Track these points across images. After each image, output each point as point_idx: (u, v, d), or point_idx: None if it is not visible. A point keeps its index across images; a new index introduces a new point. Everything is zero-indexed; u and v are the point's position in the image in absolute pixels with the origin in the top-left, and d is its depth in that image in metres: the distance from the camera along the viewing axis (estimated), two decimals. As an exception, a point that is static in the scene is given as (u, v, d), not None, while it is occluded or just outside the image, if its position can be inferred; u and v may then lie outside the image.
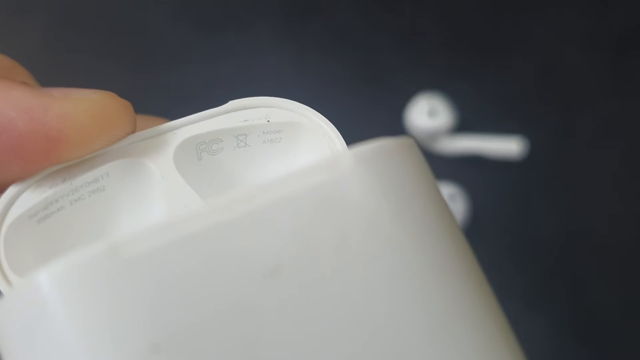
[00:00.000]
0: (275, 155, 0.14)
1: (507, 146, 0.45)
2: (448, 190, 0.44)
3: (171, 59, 0.49)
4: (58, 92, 0.12)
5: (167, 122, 0.14)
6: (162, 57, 0.49)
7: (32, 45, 0.49)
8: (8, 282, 0.12)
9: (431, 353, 0.10)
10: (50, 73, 0.48)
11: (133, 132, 0.13)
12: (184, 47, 0.49)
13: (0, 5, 0.50)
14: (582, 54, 0.47)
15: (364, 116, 0.46)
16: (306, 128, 0.14)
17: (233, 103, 0.14)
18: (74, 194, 0.13)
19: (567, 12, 0.48)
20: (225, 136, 0.14)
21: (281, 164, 0.14)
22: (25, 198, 0.12)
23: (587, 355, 0.41)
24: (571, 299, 0.42)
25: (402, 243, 0.11)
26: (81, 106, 0.12)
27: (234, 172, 0.14)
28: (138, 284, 0.10)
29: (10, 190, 0.12)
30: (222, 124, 0.13)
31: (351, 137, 0.14)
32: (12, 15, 0.50)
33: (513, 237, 0.44)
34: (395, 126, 0.46)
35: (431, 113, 0.44)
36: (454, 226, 0.12)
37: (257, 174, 0.14)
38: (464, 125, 0.46)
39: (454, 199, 0.43)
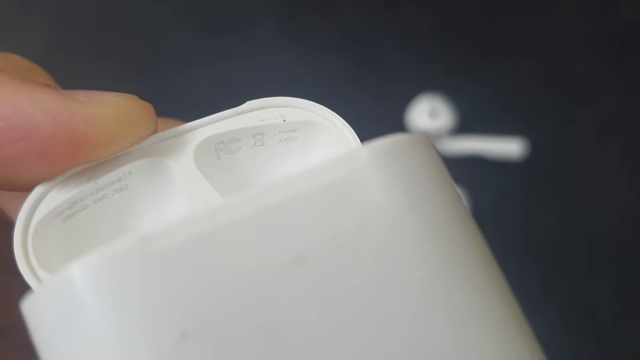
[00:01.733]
0: (291, 153, 0.14)
1: (507, 146, 0.45)
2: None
3: (174, 60, 0.49)
4: (82, 95, 0.12)
5: (185, 123, 0.14)
6: (165, 59, 0.49)
7: (34, 47, 0.49)
8: (38, 278, 0.12)
9: (450, 344, 0.11)
10: (51, 73, 0.48)
11: (154, 132, 0.13)
12: (186, 48, 0.49)
13: (2, 6, 0.50)
14: (582, 54, 0.47)
15: (365, 117, 0.46)
16: (321, 126, 0.14)
17: (250, 103, 0.14)
18: (98, 193, 0.13)
19: (567, 12, 0.48)
20: (243, 135, 0.14)
21: (297, 161, 0.15)
22: (51, 197, 0.13)
23: (587, 354, 0.42)
24: (571, 298, 0.43)
25: (419, 236, 0.11)
26: (106, 109, 0.12)
27: (252, 170, 0.14)
28: (167, 276, 0.10)
29: (37, 190, 0.13)
30: (240, 124, 0.14)
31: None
32: (13, 17, 0.50)
33: (513, 237, 0.44)
34: (396, 127, 0.46)
35: (432, 114, 0.44)
36: (469, 219, 0.12)
37: (274, 172, 0.15)
38: (464, 125, 0.46)
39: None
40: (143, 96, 0.13)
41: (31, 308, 0.11)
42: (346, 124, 0.14)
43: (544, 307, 0.42)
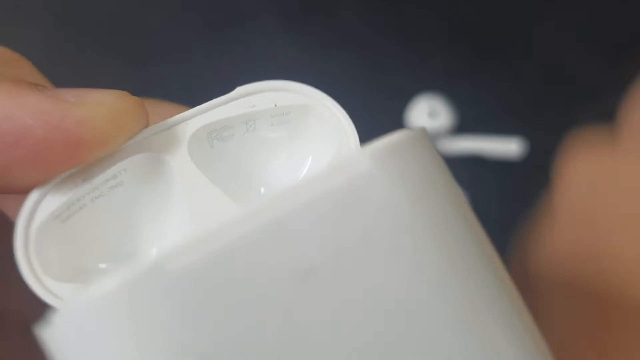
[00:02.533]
0: (285, 139, 0.14)
1: (507, 146, 0.45)
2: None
3: (172, 57, 0.49)
4: (72, 95, 0.12)
5: (177, 107, 0.14)
6: (163, 56, 0.49)
7: (33, 44, 0.49)
8: (44, 287, 0.12)
9: (459, 346, 0.11)
10: (50, 72, 0.48)
11: (146, 127, 0.13)
12: (184, 46, 0.49)
13: (0, 4, 0.50)
14: (582, 54, 0.47)
15: (364, 117, 0.46)
16: (314, 110, 0.14)
17: (240, 89, 0.14)
18: (94, 192, 0.13)
19: (567, 13, 0.48)
20: (235, 123, 0.14)
21: (291, 147, 0.14)
22: (48, 202, 0.12)
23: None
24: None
25: (424, 236, 0.11)
26: (98, 110, 0.12)
27: (245, 156, 0.14)
28: (184, 300, 0.10)
29: (33, 196, 0.12)
30: (231, 111, 0.14)
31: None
32: (12, 15, 0.50)
33: (512, 238, 0.44)
34: (395, 127, 0.46)
35: (431, 114, 0.44)
36: (471, 214, 0.12)
37: (267, 158, 0.14)
38: (464, 125, 0.46)
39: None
40: (143, 92, 0.13)
41: (49, 337, 0.11)
42: (338, 106, 0.14)
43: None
